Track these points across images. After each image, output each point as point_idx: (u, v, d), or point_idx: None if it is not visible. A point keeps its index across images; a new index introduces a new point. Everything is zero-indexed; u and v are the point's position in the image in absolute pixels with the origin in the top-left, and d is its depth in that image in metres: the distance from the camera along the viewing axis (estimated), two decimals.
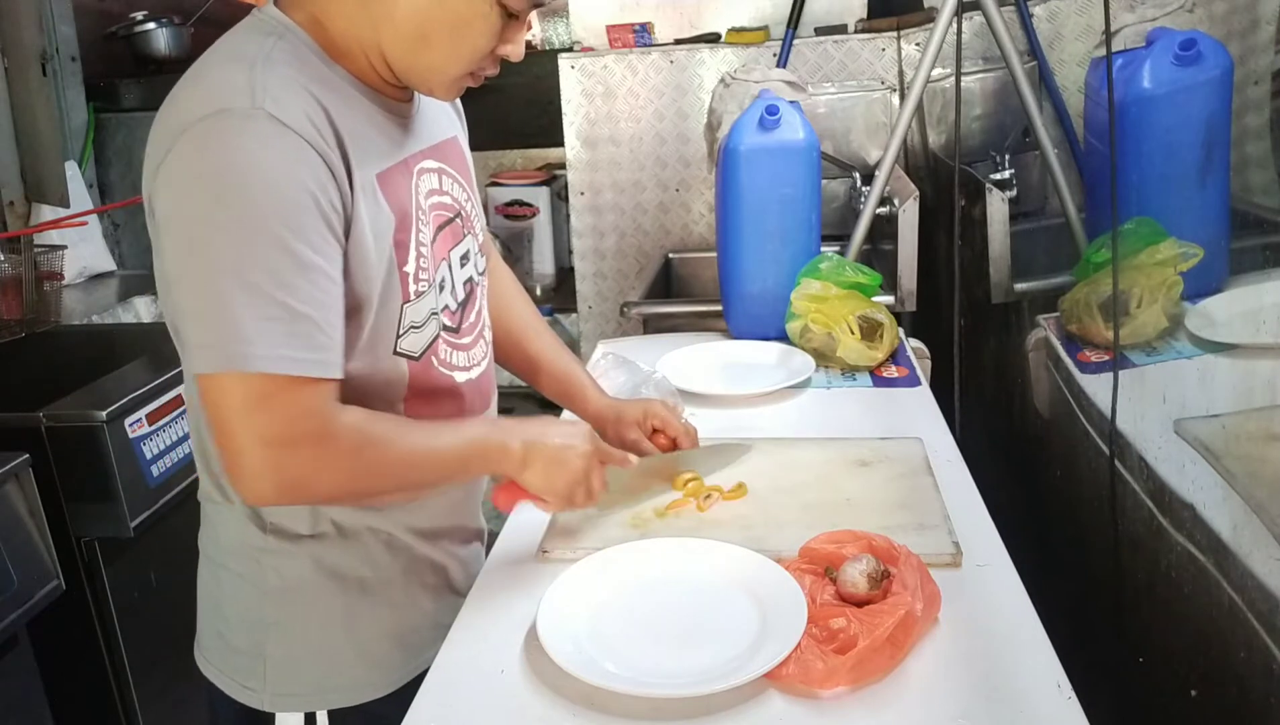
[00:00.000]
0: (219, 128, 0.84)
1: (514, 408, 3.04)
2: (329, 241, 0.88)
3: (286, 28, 0.93)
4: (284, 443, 0.86)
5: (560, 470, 1.04)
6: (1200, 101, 1.53)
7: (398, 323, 0.99)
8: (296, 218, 0.85)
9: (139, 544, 1.76)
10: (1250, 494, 1.10)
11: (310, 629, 1.06)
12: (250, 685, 1.07)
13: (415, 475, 0.98)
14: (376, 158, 0.96)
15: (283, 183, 0.84)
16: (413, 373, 1.02)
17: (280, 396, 0.85)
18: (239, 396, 0.85)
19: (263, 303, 0.83)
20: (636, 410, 1.30)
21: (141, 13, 3.05)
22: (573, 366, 1.33)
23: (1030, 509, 1.88)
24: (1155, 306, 1.47)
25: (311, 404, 0.87)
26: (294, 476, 0.88)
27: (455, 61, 0.94)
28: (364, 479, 0.94)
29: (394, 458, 0.94)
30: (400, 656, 1.10)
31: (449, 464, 1.00)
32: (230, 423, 0.86)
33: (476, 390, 1.12)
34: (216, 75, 0.88)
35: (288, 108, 0.86)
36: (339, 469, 0.91)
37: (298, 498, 0.95)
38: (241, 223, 0.83)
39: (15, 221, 2.59)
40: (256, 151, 0.84)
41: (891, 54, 2.43)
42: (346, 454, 0.90)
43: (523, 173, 3.24)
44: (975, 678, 0.89)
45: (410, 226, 0.99)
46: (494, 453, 1.02)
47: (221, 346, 0.84)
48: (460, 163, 1.13)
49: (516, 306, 1.32)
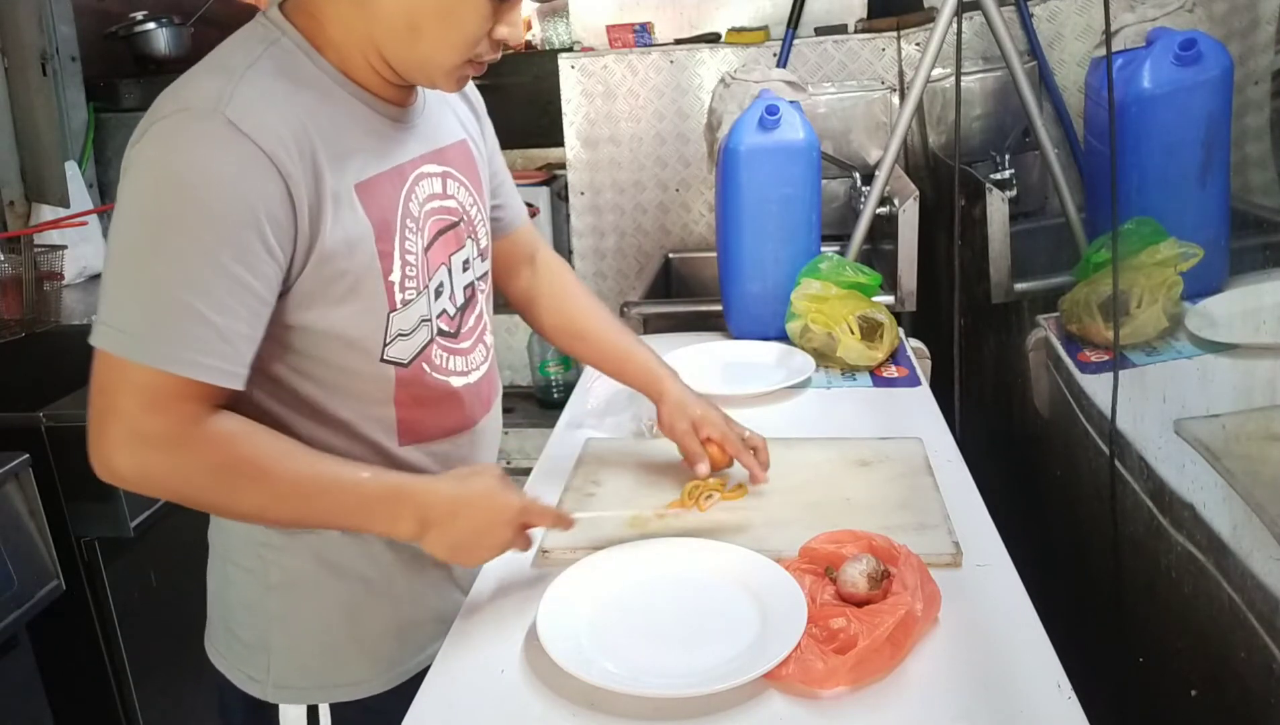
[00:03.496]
0: (177, 126, 0.85)
1: (514, 407, 3.04)
2: (259, 256, 0.87)
3: (283, 33, 0.93)
4: (144, 434, 0.86)
5: (466, 532, 0.97)
6: (1200, 101, 1.53)
7: (384, 331, 0.98)
8: (227, 225, 0.84)
9: (139, 544, 1.76)
10: (1250, 494, 1.10)
11: (313, 623, 1.07)
12: (255, 676, 1.08)
13: (286, 511, 0.94)
14: (360, 167, 0.95)
15: (221, 188, 0.84)
16: (401, 379, 1.02)
17: (158, 391, 0.85)
18: (119, 380, 0.86)
19: (171, 300, 0.84)
20: (696, 409, 1.25)
21: (141, 13, 3.05)
22: (636, 348, 1.31)
23: (1030, 509, 1.88)
24: (1155, 306, 1.47)
25: (183, 406, 0.86)
26: (144, 468, 0.88)
27: (449, 50, 0.93)
28: (221, 494, 0.92)
29: (261, 485, 0.91)
30: (402, 651, 1.10)
31: (331, 507, 0.95)
32: (102, 399, 0.87)
33: (475, 394, 1.12)
34: (197, 80, 0.89)
35: (251, 116, 0.85)
36: (193, 475, 0.89)
37: (145, 489, 0.92)
38: (172, 220, 0.84)
39: (15, 221, 2.59)
40: (203, 154, 0.84)
41: (891, 54, 2.43)
42: (205, 464, 0.89)
43: (523, 173, 3.23)
44: (975, 678, 0.89)
45: (393, 235, 0.98)
46: (381, 517, 0.96)
47: (121, 330, 0.85)
48: (468, 166, 1.12)
49: (581, 300, 1.34)
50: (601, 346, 1.33)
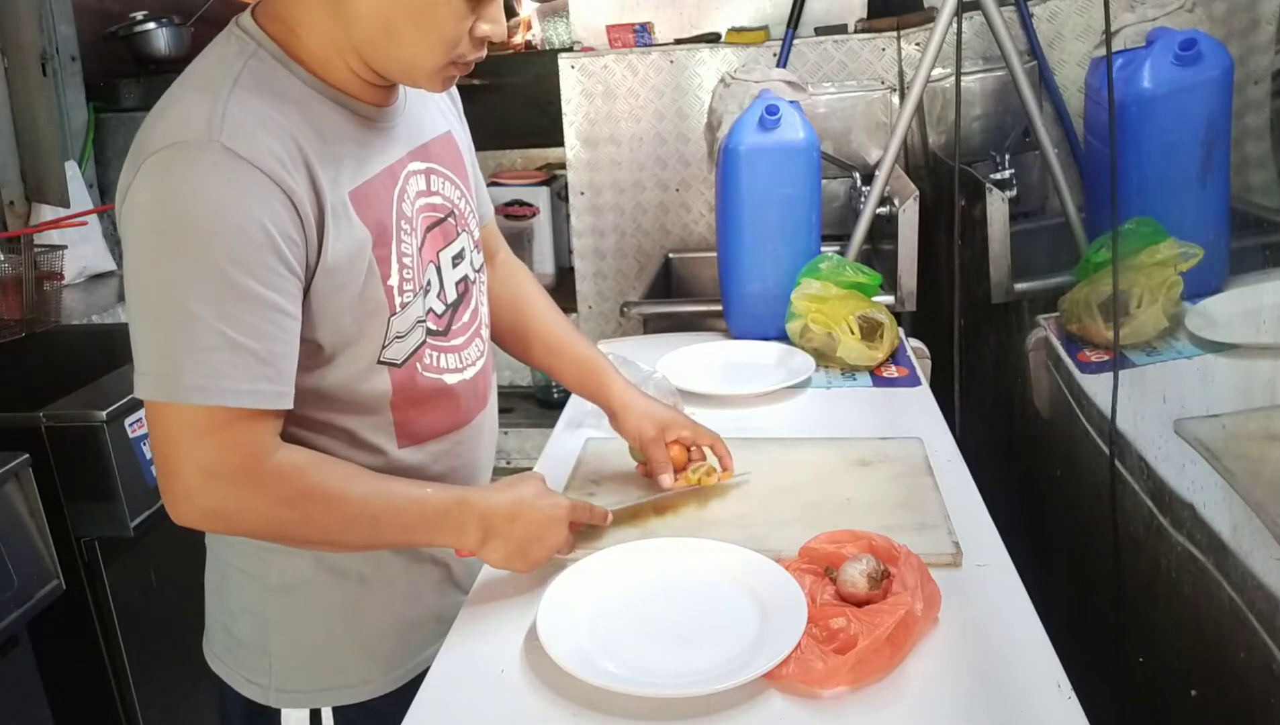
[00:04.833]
0: (173, 159, 0.84)
1: (514, 407, 3.04)
2: (280, 274, 0.86)
3: (259, 44, 0.92)
4: (214, 472, 0.86)
5: (525, 535, 1.01)
6: (1200, 101, 1.53)
7: (384, 334, 0.98)
8: (242, 249, 0.84)
9: (139, 544, 1.76)
10: (1250, 494, 1.10)
11: (313, 625, 1.07)
12: (257, 680, 1.08)
13: (355, 534, 0.96)
14: (350, 175, 0.94)
15: (231, 214, 0.83)
16: (396, 380, 1.01)
17: (212, 426, 0.85)
18: (172, 424, 0.86)
19: (201, 333, 0.83)
20: (662, 412, 1.26)
21: (141, 13, 3.05)
22: (592, 354, 1.30)
23: (1030, 509, 1.88)
24: (1155, 306, 1.47)
25: (243, 437, 0.87)
26: (218, 507, 0.88)
27: (427, 51, 0.91)
28: (294, 524, 0.92)
29: (331, 510, 0.93)
30: (403, 653, 1.10)
31: (400, 525, 0.97)
32: (164, 448, 0.87)
33: (471, 390, 1.11)
34: (181, 105, 0.88)
35: (246, 140, 0.85)
36: (266, 508, 0.90)
37: (222, 528, 0.94)
38: (185, 253, 0.83)
39: (15, 221, 2.59)
40: (206, 183, 0.83)
41: (891, 54, 2.43)
42: (276, 495, 0.90)
43: (523, 173, 3.24)
44: (975, 678, 0.89)
45: (390, 239, 0.97)
46: (447, 529, 0.99)
47: (158, 375, 0.85)
48: (452, 159, 1.10)
49: (535, 304, 1.31)
50: (558, 353, 1.30)
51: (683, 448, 1.24)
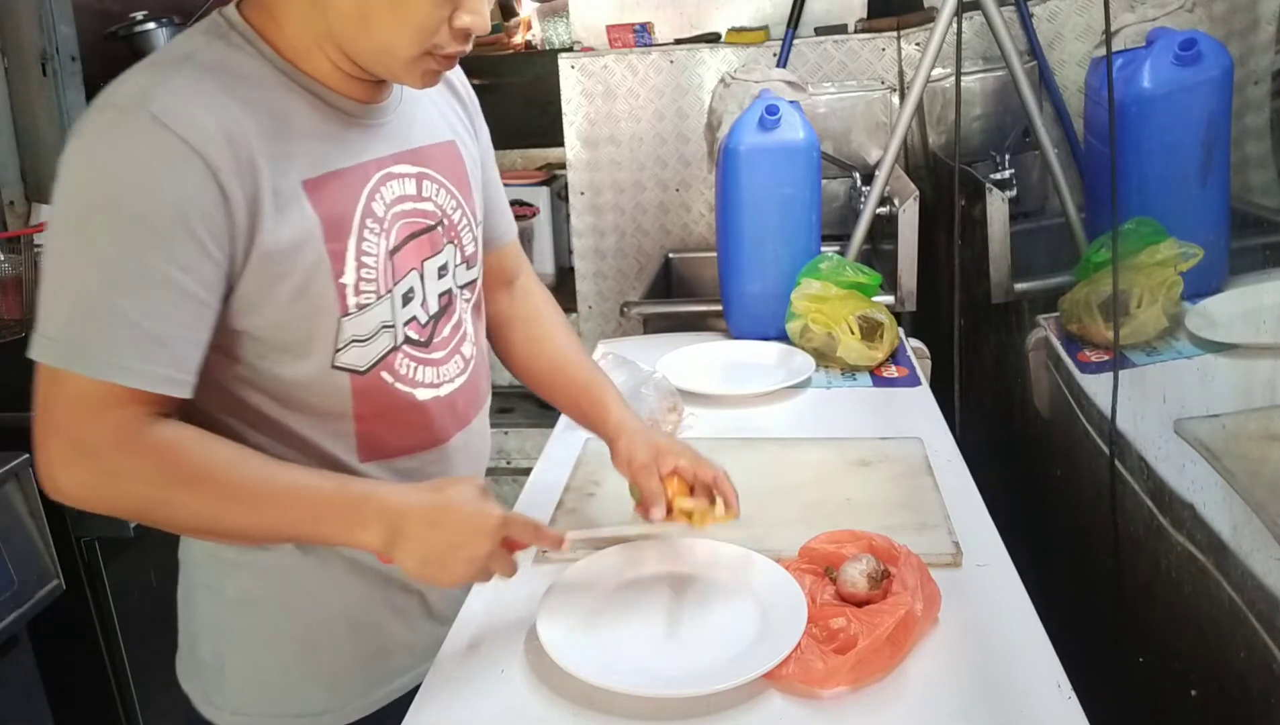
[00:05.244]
0: (99, 122, 0.82)
1: (514, 407, 3.04)
2: (193, 255, 0.83)
3: (233, 28, 0.91)
4: (83, 445, 0.83)
5: (441, 544, 0.88)
6: (1200, 101, 1.53)
7: (334, 336, 0.93)
8: (153, 224, 0.81)
9: (139, 544, 1.76)
10: (1250, 494, 1.10)
11: (268, 646, 1.03)
12: (214, 700, 1.05)
13: (240, 515, 0.88)
14: (310, 164, 0.91)
15: (146, 187, 0.81)
16: (357, 388, 0.97)
17: (90, 400, 0.83)
18: (55, 390, 0.84)
19: (96, 303, 0.81)
20: (659, 438, 1.12)
21: (141, 13, 3.04)
22: (598, 379, 1.20)
23: (1030, 509, 1.88)
24: (1155, 306, 1.47)
25: (121, 416, 0.83)
26: (89, 481, 0.85)
27: (402, 40, 0.88)
28: (163, 504, 0.87)
29: (208, 490, 0.87)
30: (366, 683, 1.05)
31: (284, 515, 0.88)
32: (43, 411, 0.85)
33: (448, 408, 1.05)
34: (128, 76, 0.86)
35: (178, 111, 0.82)
36: (133, 485, 0.85)
37: (94, 504, 0.88)
38: (96, 220, 0.81)
39: (15, 221, 2.59)
40: (126, 150, 0.81)
41: (891, 54, 2.43)
42: (145, 473, 0.85)
43: (523, 173, 3.24)
44: (975, 678, 0.89)
45: (347, 235, 0.93)
46: (340, 523, 0.88)
47: (51, 338, 0.83)
48: (452, 168, 1.06)
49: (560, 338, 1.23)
50: (572, 391, 1.20)
51: (683, 482, 1.07)
